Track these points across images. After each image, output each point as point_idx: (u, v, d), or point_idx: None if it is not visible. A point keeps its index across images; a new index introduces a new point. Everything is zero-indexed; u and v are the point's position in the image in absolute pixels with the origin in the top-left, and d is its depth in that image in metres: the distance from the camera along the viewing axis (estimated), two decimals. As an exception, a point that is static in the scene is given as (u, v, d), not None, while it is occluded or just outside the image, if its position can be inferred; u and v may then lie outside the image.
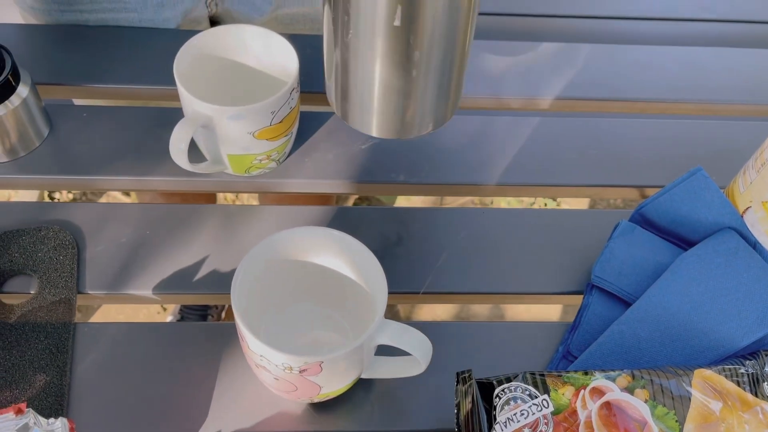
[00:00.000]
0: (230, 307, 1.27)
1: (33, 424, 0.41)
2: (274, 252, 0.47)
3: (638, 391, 0.43)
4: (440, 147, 0.64)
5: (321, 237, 0.47)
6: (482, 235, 0.58)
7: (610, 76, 0.70)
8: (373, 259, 0.45)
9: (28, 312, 0.51)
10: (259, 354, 0.43)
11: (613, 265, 0.53)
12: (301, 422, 0.48)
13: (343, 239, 0.47)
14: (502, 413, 0.43)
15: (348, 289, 0.49)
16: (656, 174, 0.63)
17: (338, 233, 0.47)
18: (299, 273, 0.49)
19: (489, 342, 0.53)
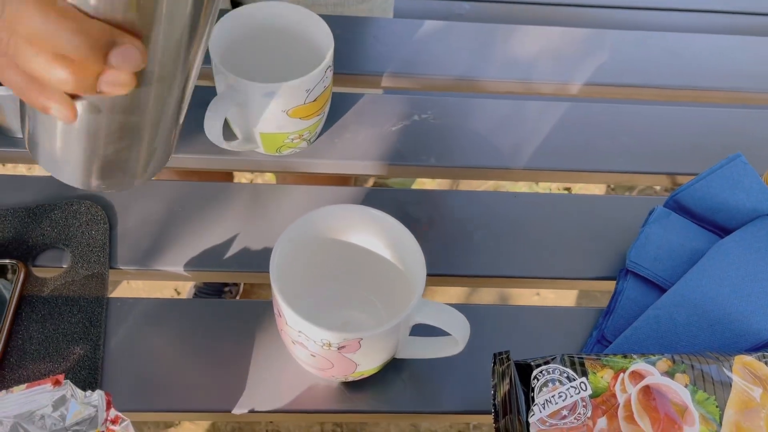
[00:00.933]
0: (246, 286, 1.26)
1: (70, 396, 0.41)
2: (311, 229, 0.47)
3: (678, 375, 0.43)
4: (470, 131, 0.63)
5: (359, 215, 0.47)
6: (513, 219, 0.58)
7: (640, 62, 0.69)
8: (411, 238, 0.45)
9: (60, 285, 0.51)
10: (297, 330, 0.42)
11: (648, 250, 0.52)
12: (333, 401, 0.48)
13: (381, 218, 0.46)
14: (540, 395, 0.43)
15: (383, 269, 0.49)
16: (687, 162, 0.63)
17: (376, 212, 0.46)
18: (335, 251, 0.49)
19: (522, 325, 0.53)
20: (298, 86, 0.52)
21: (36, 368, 0.47)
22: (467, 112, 0.64)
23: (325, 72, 0.54)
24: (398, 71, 0.67)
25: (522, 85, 0.68)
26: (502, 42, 0.70)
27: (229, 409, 0.47)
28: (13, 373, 0.47)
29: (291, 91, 0.53)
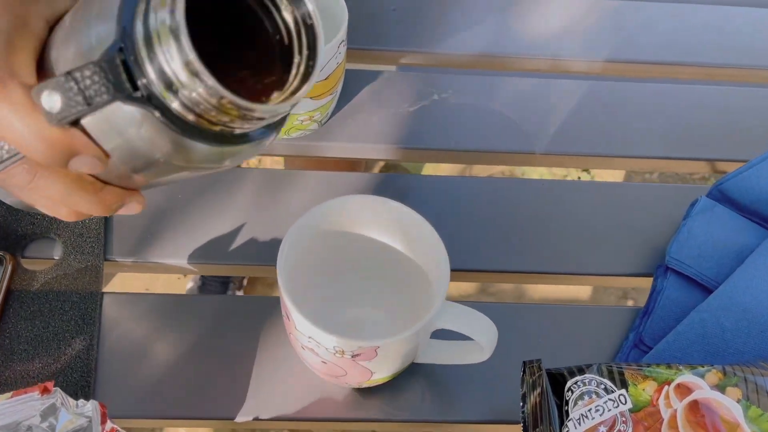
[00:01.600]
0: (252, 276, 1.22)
1: (60, 405, 0.37)
2: (323, 222, 0.42)
3: (730, 389, 0.39)
4: (492, 111, 0.58)
5: (376, 207, 0.43)
6: (537, 208, 0.53)
7: (678, 37, 0.64)
8: (434, 234, 0.41)
9: (51, 279, 0.47)
10: (307, 335, 0.38)
11: (691, 246, 0.48)
12: (345, 409, 0.44)
13: (402, 211, 0.42)
14: (576, 409, 0.39)
15: (401, 264, 0.44)
16: (730, 147, 0.58)
17: (396, 204, 0.42)
18: (349, 244, 0.45)
19: (550, 326, 0.49)
20: (309, 63, 0.48)
21: (24, 370, 0.44)
22: (490, 92, 0.60)
23: (338, 47, 0.49)
24: (417, 46, 0.62)
25: (549, 62, 0.63)
26: (528, 15, 0.65)
27: (231, 416, 0.44)
28: (1, 375, 0.44)
29: (301, 69, 0.48)
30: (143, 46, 0.27)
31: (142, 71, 0.27)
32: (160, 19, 0.26)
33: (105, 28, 0.27)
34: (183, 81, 0.26)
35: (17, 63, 0.29)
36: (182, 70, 0.26)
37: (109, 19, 0.28)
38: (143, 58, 0.27)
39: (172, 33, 0.26)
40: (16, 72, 0.29)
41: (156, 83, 0.27)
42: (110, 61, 0.26)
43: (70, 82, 0.26)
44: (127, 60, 0.27)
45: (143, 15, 0.27)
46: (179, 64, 0.26)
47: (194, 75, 0.26)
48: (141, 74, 0.27)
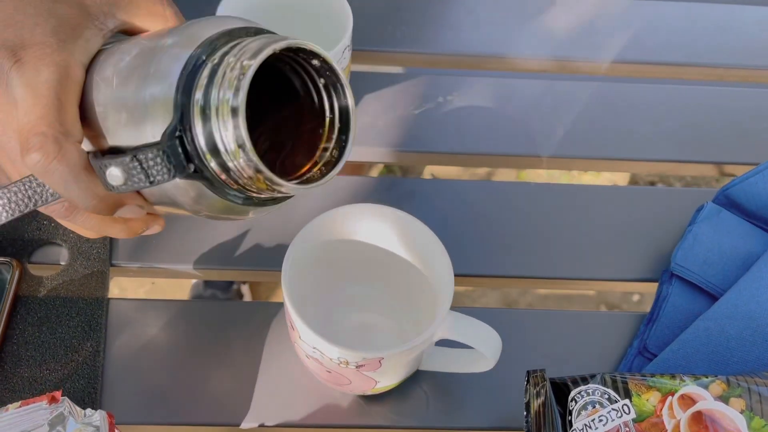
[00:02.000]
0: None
1: (68, 414, 0.38)
2: (326, 231, 0.43)
3: (734, 400, 0.39)
4: (498, 114, 0.58)
5: (379, 215, 0.43)
6: (540, 213, 0.53)
7: (685, 37, 0.64)
8: (439, 245, 0.41)
9: (58, 285, 0.48)
10: (311, 346, 0.39)
11: (696, 252, 0.48)
12: (350, 416, 0.45)
13: (407, 220, 0.42)
14: (579, 419, 0.39)
15: (406, 272, 0.45)
16: (738, 149, 0.58)
17: (402, 213, 0.42)
18: (353, 253, 0.45)
19: (554, 332, 0.49)
20: (313, 69, 0.48)
21: (31, 376, 0.44)
22: (495, 94, 0.59)
23: (343, 52, 0.49)
24: (422, 48, 0.61)
25: (555, 64, 0.62)
26: (534, 16, 0.64)
27: (237, 423, 0.44)
28: (8, 381, 0.44)
29: (305, 74, 0.48)
30: (200, 121, 0.28)
31: (197, 150, 0.29)
32: (223, 98, 0.27)
33: (160, 93, 0.29)
34: (233, 155, 0.28)
35: (68, 120, 0.30)
36: (234, 146, 0.28)
37: (165, 87, 0.29)
38: (198, 135, 0.28)
39: (232, 112, 0.27)
40: (69, 131, 0.30)
41: (208, 158, 0.29)
42: (172, 147, 0.28)
43: (134, 162, 0.28)
44: (184, 140, 0.28)
45: (204, 91, 0.28)
46: (232, 140, 0.28)
47: (247, 158, 0.28)
48: (196, 153, 0.29)
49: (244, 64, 0.27)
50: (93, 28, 0.32)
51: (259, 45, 0.28)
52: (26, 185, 0.31)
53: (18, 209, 0.31)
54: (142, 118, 0.29)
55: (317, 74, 0.31)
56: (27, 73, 0.30)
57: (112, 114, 0.30)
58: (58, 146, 0.29)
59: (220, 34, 0.30)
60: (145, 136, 0.29)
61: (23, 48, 0.30)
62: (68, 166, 0.30)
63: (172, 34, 0.30)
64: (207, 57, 0.29)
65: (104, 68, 0.31)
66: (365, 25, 0.61)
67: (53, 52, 0.30)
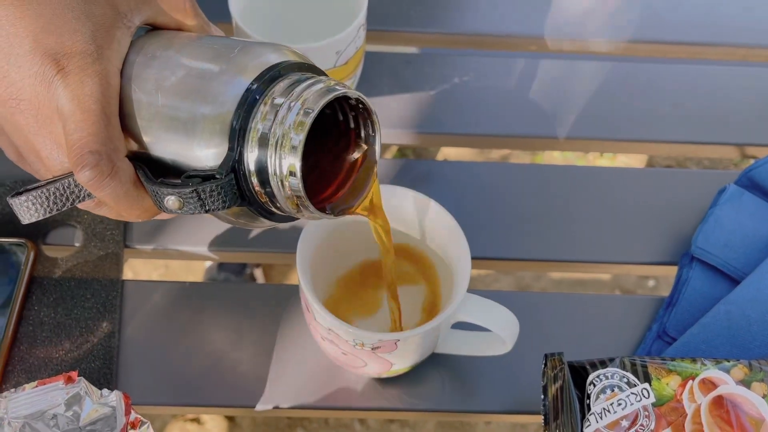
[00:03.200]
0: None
1: (84, 394, 0.38)
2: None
3: (755, 384, 0.38)
4: (515, 95, 0.57)
5: (395, 196, 0.42)
6: (557, 195, 0.53)
7: (707, 17, 0.62)
8: (456, 226, 0.40)
9: (73, 266, 0.48)
10: (327, 328, 0.38)
11: (718, 235, 0.47)
12: (365, 398, 0.44)
13: (424, 202, 0.41)
14: (597, 403, 0.38)
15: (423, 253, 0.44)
16: (760, 131, 0.56)
17: (418, 195, 0.42)
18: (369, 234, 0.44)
19: (572, 316, 0.48)
20: (327, 48, 0.47)
21: (47, 357, 0.44)
22: (511, 74, 0.58)
23: (358, 31, 0.49)
24: (438, 27, 0.61)
25: (572, 43, 0.61)
26: (552, -6, 0.63)
27: (252, 404, 0.44)
28: (24, 361, 0.44)
29: (319, 54, 0.47)
30: (255, 153, 0.30)
31: (248, 180, 0.30)
32: (286, 135, 0.29)
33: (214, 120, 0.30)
34: (282, 189, 0.30)
35: (116, 135, 0.32)
36: (285, 176, 0.30)
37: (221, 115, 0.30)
38: (251, 164, 0.30)
39: (292, 149, 0.29)
40: (118, 147, 0.31)
41: (256, 187, 0.30)
42: (230, 182, 0.30)
43: (194, 195, 0.30)
44: (237, 173, 0.30)
45: (264, 125, 0.30)
46: (285, 172, 0.30)
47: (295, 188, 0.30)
48: (246, 184, 0.30)
49: (307, 108, 0.30)
50: (122, 27, 0.32)
51: (320, 92, 0.30)
52: (64, 185, 0.32)
53: (55, 207, 0.32)
54: (190, 140, 0.31)
55: (350, 108, 0.33)
56: (71, 85, 0.30)
57: (157, 129, 0.32)
58: (111, 165, 0.31)
59: (273, 68, 0.31)
60: (193, 155, 0.31)
61: (66, 57, 0.31)
62: (120, 183, 0.31)
63: (221, 58, 0.32)
64: (265, 91, 0.30)
65: (144, 80, 0.32)
66: (380, 4, 0.60)
67: (94, 62, 0.31)
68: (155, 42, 0.33)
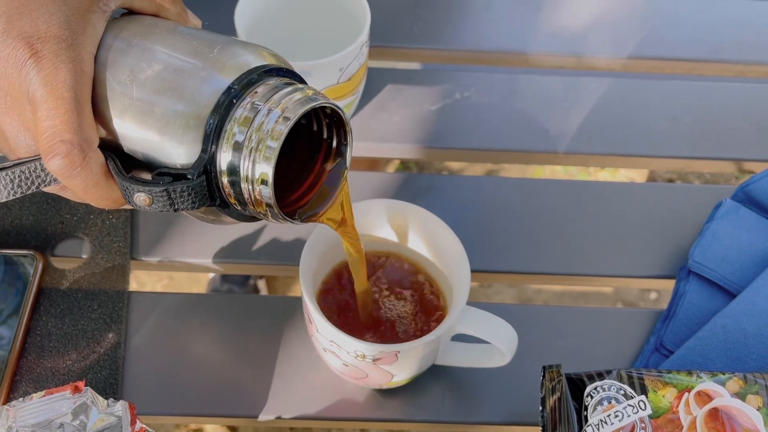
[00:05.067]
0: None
1: (91, 403, 0.38)
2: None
3: (751, 397, 0.39)
4: (516, 110, 0.58)
5: (396, 210, 0.43)
6: (556, 209, 0.53)
7: (706, 33, 0.63)
8: (455, 239, 0.41)
9: (80, 278, 0.48)
10: (329, 339, 0.39)
11: (715, 249, 0.47)
12: (366, 409, 0.45)
13: (424, 216, 0.42)
14: (594, 414, 0.39)
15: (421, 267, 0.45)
16: (757, 146, 0.57)
17: (415, 207, 0.42)
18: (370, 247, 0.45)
19: (571, 328, 0.49)
20: (331, 64, 0.48)
21: (54, 367, 0.45)
22: (512, 90, 0.59)
23: (361, 48, 0.50)
24: (440, 44, 0.62)
25: (573, 60, 0.62)
26: (551, 11, 0.64)
27: (255, 415, 0.44)
28: (32, 371, 0.45)
29: (323, 71, 0.48)
30: (228, 156, 0.30)
31: (218, 181, 0.30)
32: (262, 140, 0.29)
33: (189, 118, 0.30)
34: (252, 192, 0.30)
35: (88, 123, 0.31)
36: (259, 185, 0.30)
37: (195, 114, 0.30)
38: (223, 166, 0.30)
39: (266, 159, 0.29)
40: (90, 137, 0.31)
41: (226, 188, 0.30)
42: (201, 184, 0.30)
43: (164, 194, 0.30)
44: (209, 174, 0.30)
45: (240, 127, 0.30)
46: (257, 176, 0.29)
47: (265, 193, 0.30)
48: (217, 185, 0.30)
49: (285, 116, 0.29)
50: (98, 11, 0.32)
51: (299, 102, 0.30)
52: (31, 169, 0.31)
53: (20, 190, 0.32)
54: (163, 136, 0.30)
55: (325, 116, 0.33)
56: (45, 71, 0.30)
57: (129, 122, 0.31)
58: (83, 155, 0.30)
59: (253, 71, 0.31)
60: (165, 152, 0.30)
61: (40, 41, 0.30)
62: (91, 174, 0.31)
63: (200, 54, 0.31)
64: (244, 94, 0.30)
65: (118, 69, 0.31)
66: (383, 21, 0.61)
67: (69, 47, 0.30)
68: (132, 28, 0.32)
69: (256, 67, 0.31)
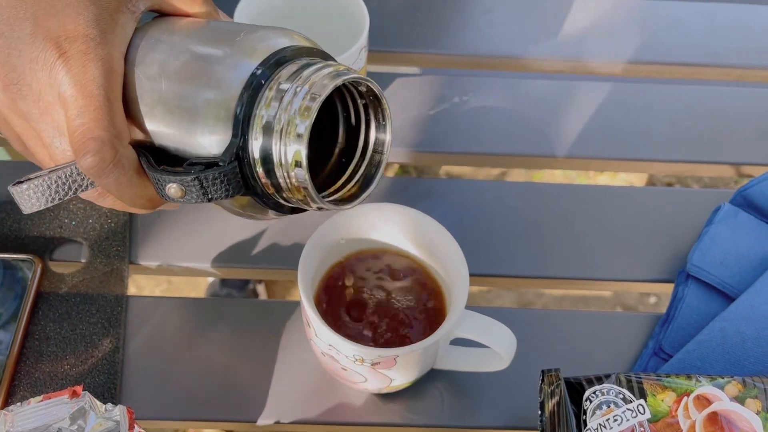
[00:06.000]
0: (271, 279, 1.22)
1: (89, 408, 0.38)
2: (342, 230, 0.43)
3: (749, 401, 0.39)
4: (514, 114, 0.58)
5: (394, 214, 0.43)
6: (555, 213, 0.53)
7: (705, 38, 0.63)
8: (454, 243, 0.41)
9: (78, 282, 0.48)
10: (327, 343, 0.39)
11: (713, 253, 0.47)
12: (365, 413, 0.45)
13: (421, 220, 0.42)
14: (593, 418, 0.39)
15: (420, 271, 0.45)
16: (756, 150, 0.57)
17: (414, 211, 0.42)
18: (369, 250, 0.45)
19: (569, 332, 0.49)
20: (330, 69, 0.48)
21: (53, 371, 0.45)
22: (511, 94, 0.59)
23: (360, 53, 0.50)
24: (438, 48, 0.62)
25: (572, 64, 0.62)
26: (550, 16, 0.64)
27: (253, 419, 0.44)
28: (30, 376, 0.45)
29: (322, 75, 0.48)
30: (260, 139, 0.29)
31: (252, 168, 0.29)
32: (291, 122, 0.28)
33: (218, 105, 0.29)
34: (287, 178, 0.29)
35: (119, 122, 0.30)
36: (292, 168, 0.28)
37: (224, 100, 0.29)
38: (255, 152, 0.29)
39: (297, 137, 0.28)
40: (121, 134, 0.30)
41: (260, 174, 0.29)
42: (233, 170, 0.29)
43: (195, 182, 0.29)
44: (241, 161, 0.29)
45: (273, 111, 0.29)
46: (291, 160, 0.28)
47: (300, 177, 0.29)
48: (251, 172, 0.29)
49: (313, 93, 0.28)
50: (127, 12, 0.31)
51: (328, 76, 0.29)
52: (66, 174, 0.30)
53: (57, 196, 0.31)
54: (193, 126, 0.29)
55: (360, 96, 0.32)
56: (74, 70, 0.29)
57: (160, 115, 0.30)
58: (114, 152, 0.29)
59: (280, 52, 0.30)
60: (196, 142, 0.30)
61: (67, 41, 0.29)
62: (123, 171, 0.30)
63: (226, 41, 0.30)
64: (271, 76, 0.29)
65: (147, 64, 0.31)
66: (382, 25, 0.61)
67: (97, 46, 0.30)
68: (160, 27, 0.32)
69: (283, 48, 0.30)
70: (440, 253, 0.43)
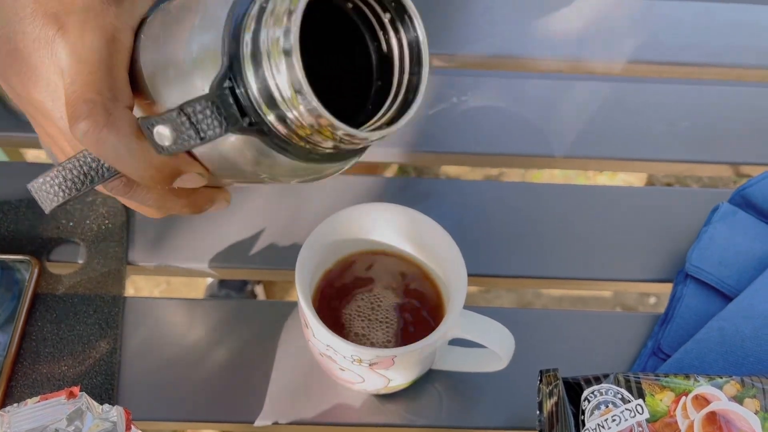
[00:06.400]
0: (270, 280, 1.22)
1: (86, 409, 0.38)
2: (340, 230, 0.43)
3: (748, 401, 0.39)
4: (513, 114, 0.58)
5: (392, 214, 0.43)
6: (554, 213, 0.53)
7: (702, 37, 0.63)
8: (452, 243, 0.41)
9: (76, 283, 0.48)
10: (325, 344, 0.39)
11: (712, 253, 0.47)
12: (364, 414, 0.45)
13: (419, 219, 0.42)
14: (592, 419, 0.39)
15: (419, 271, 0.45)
16: (754, 150, 0.57)
17: (415, 213, 0.42)
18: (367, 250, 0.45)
19: (568, 332, 0.49)
20: (328, 69, 0.48)
21: (50, 372, 0.45)
22: (510, 94, 0.59)
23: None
24: (436, 48, 0.62)
25: (570, 64, 0.62)
26: (548, 15, 0.64)
27: (251, 420, 0.44)
28: (27, 377, 0.45)
29: (319, 75, 0.48)
30: (251, 67, 0.26)
31: (251, 101, 0.26)
32: (273, 38, 0.25)
33: (208, 41, 0.26)
34: (290, 102, 0.25)
35: (117, 85, 0.28)
36: (290, 92, 0.25)
37: (213, 34, 0.26)
38: (251, 83, 0.26)
39: (285, 54, 0.24)
40: (117, 96, 0.28)
41: (265, 110, 0.26)
42: (222, 97, 0.26)
43: (182, 117, 0.26)
44: (235, 89, 0.26)
45: (253, 33, 0.26)
46: (288, 86, 0.25)
47: (306, 103, 0.25)
48: (250, 105, 0.26)
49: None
50: None
51: None
52: (80, 161, 0.28)
53: (75, 188, 0.29)
54: (190, 72, 0.27)
55: (381, 8, 0.28)
56: (70, 40, 0.28)
57: (159, 72, 0.28)
58: (107, 113, 0.27)
59: None
60: (196, 92, 0.27)
61: (66, 14, 0.28)
62: (119, 133, 0.27)
63: None
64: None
65: (152, 27, 0.29)
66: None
67: (97, 16, 0.28)
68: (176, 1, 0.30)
69: None
70: (439, 254, 0.43)
